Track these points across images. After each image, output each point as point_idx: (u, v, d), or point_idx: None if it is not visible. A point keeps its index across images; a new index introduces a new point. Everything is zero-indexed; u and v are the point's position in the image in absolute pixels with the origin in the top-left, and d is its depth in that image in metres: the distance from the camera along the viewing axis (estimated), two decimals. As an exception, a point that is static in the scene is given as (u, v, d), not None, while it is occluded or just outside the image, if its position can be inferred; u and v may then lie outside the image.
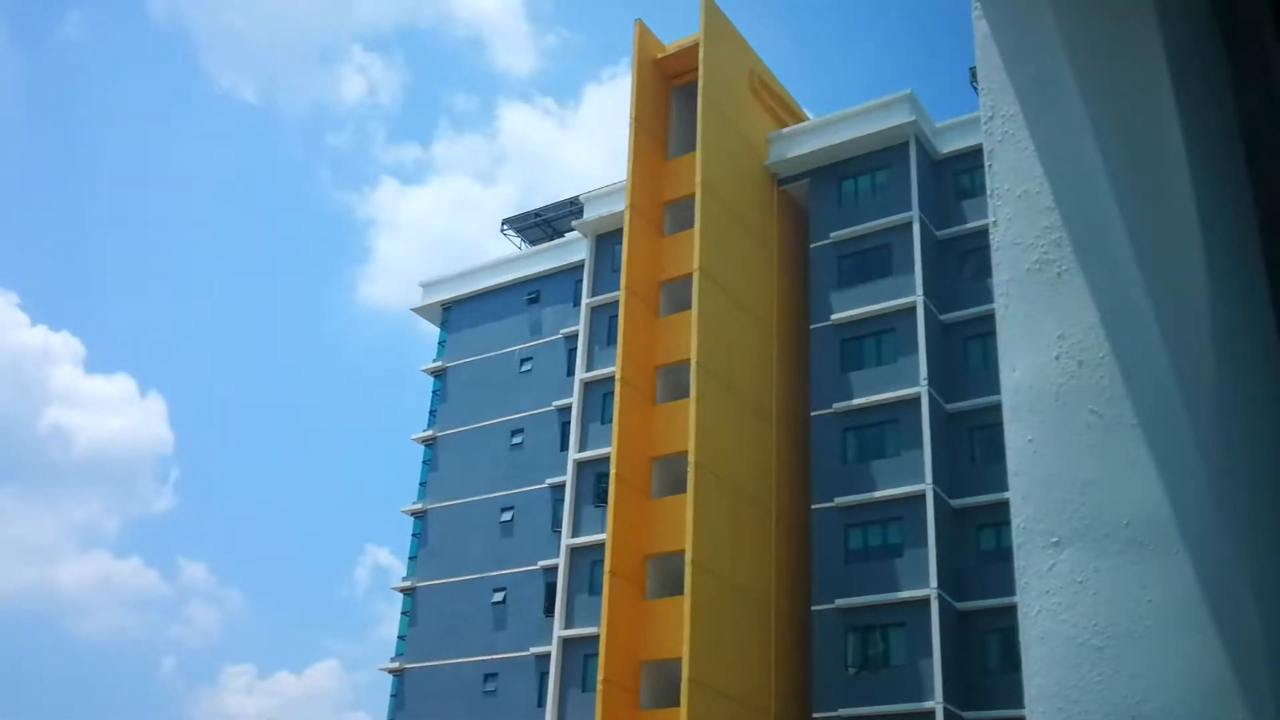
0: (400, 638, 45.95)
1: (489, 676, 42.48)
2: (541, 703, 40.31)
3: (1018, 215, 2.15)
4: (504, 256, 50.89)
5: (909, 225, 39.91)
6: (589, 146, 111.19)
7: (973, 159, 40.55)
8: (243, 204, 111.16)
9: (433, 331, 52.12)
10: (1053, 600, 1.90)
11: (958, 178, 41.40)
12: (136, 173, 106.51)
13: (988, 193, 2.22)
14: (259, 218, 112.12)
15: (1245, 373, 2.01)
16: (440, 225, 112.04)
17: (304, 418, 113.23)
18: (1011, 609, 31.11)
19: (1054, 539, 1.93)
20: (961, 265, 40.02)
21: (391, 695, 45.08)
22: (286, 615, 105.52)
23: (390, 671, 45.39)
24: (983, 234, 36.49)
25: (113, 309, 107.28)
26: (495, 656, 42.56)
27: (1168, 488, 1.87)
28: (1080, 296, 2.03)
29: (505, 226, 53.44)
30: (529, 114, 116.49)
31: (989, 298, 36.10)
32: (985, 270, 38.70)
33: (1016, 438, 2.02)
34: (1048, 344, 2.04)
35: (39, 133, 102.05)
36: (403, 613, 46.25)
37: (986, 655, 34.99)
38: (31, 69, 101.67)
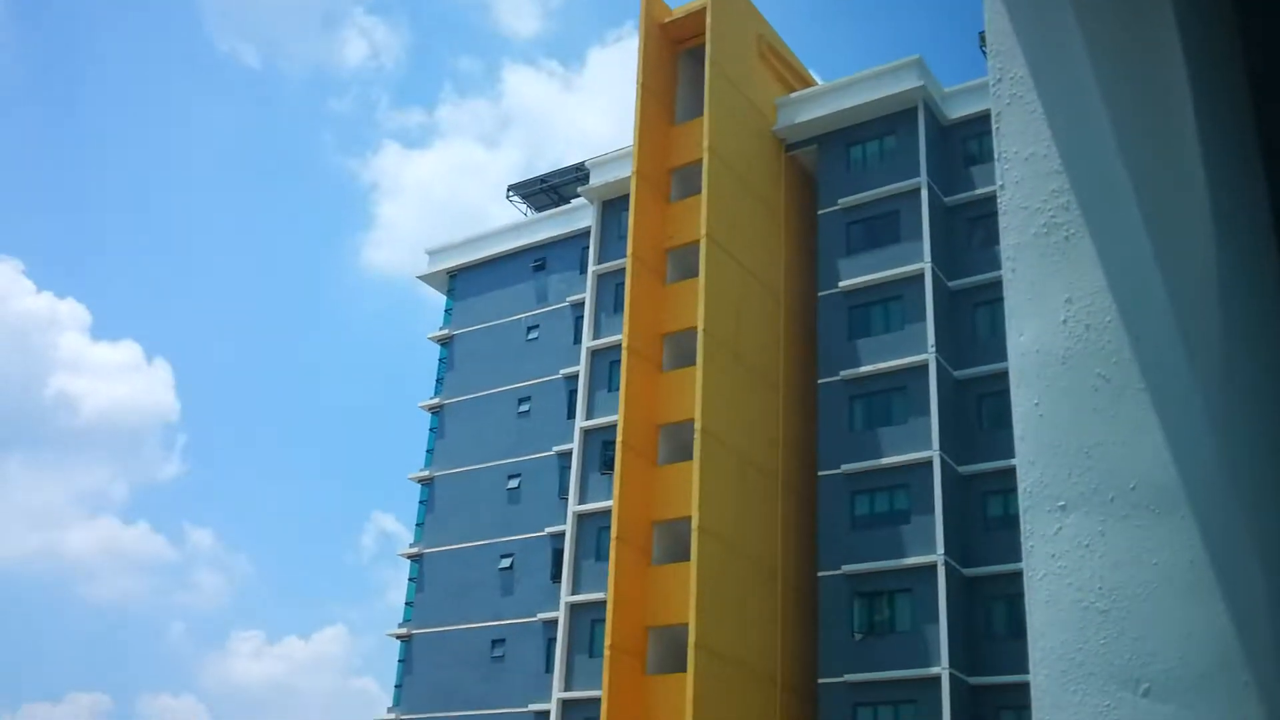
0: (408, 604, 46.24)
1: (496, 642, 42.77)
2: (549, 668, 40.60)
3: (1025, 178, 2.14)
4: (510, 223, 50.79)
5: (917, 191, 39.76)
6: (594, 110, 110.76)
7: (981, 125, 40.34)
8: (246, 169, 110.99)
9: (439, 298, 52.15)
10: (1059, 564, 1.91)
11: (966, 143, 41.19)
12: (139, 139, 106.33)
13: (995, 156, 2.21)
14: (262, 183, 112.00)
15: (1253, 336, 2.00)
16: (444, 190, 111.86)
17: (310, 385, 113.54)
18: (1018, 575, 31.16)
19: (1060, 503, 1.93)
20: (970, 232, 39.90)
21: (400, 660, 45.42)
22: (293, 581, 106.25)
23: (398, 637, 45.70)
24: (991, 200, 36.36)
25: (118, 276, 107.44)
26: (503, 622, 42.83)
27: (1174, 451, 1.87)
28: (1088, 260, 2.02)
29: (511, 193, 53.33)
30: (533, 77, 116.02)
31: (997, 264, 35.99)
32: (993, 237, 38.57)
33: (1023, 402, 2.02)
34: (1055, 308, 2.03)
35: (42, 99, 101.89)
36: (410, 579, 46.51)
37: (992, 621, 35.14)
38: (33, 34, 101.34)
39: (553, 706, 39.17)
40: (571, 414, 44.00)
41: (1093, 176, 2.06)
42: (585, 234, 46.98)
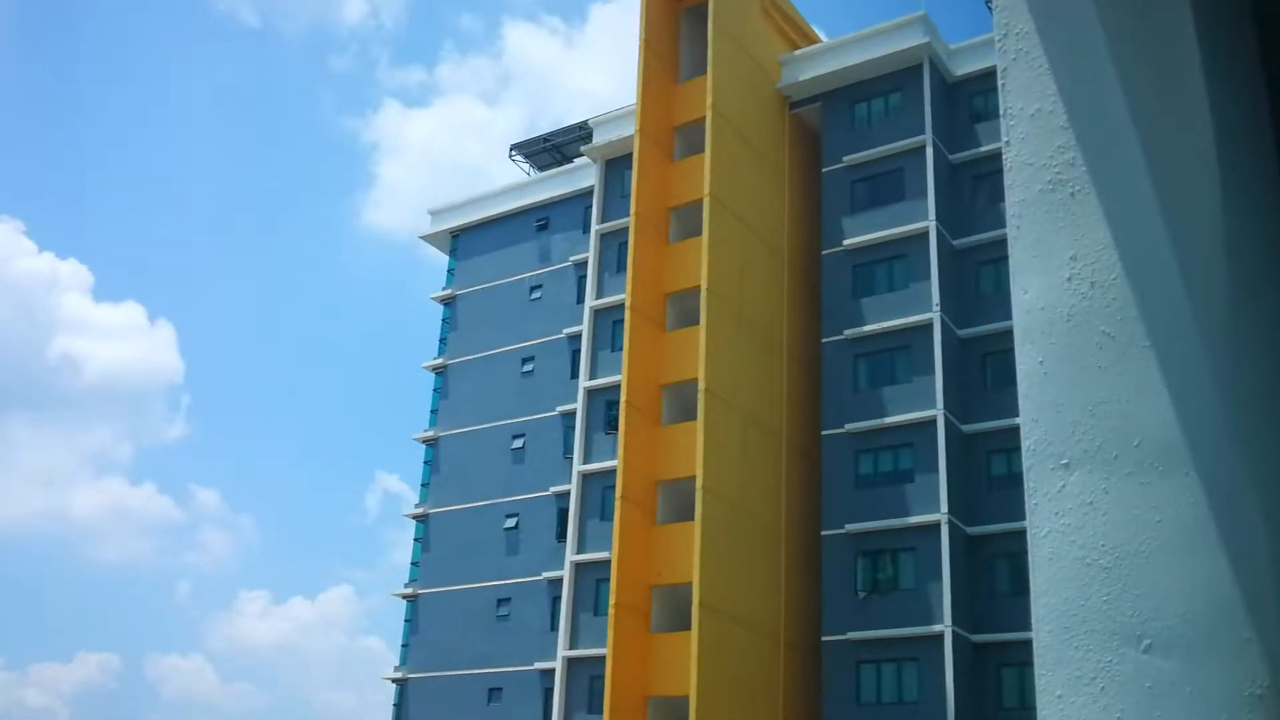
0: (414, 564, 46.50)
1: (502, 601, 43.04)
2: (554, 626, 40.88)
3: (1031, 135, 2.12)
4: (512, 183, 50.62)
5: (922, 149, 39.55)
6: (596, 68, 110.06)
7: (987, 82, 40.04)
8: (246, 129, 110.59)
9: (441, 258, 52.07)
10: (1062, 521, 1.91)
11: (971, 100, 40.92)
12: (139, 98, 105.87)
13: (1000, 112, 2.19)
14: (262, 143, 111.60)
15: (1259, 294, 1.99)
16: (445, 149, 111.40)
17: (313, 345, 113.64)
18: (1021, 533, 31.33)
19: (1064, 461, 1.93)
20: (975, 189, 39.72)
21: (406, 620, 45.74)
22: (299, 541, 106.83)
23: (404, 597, 46.00)
24: (996, 158, 36.15)
25: (119, 236, 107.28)
26: (508, 581, 43.08)
27: (1179, 409, 1.86)
28: (1093, 217, 2.01)
29: (513, 152, 53.10)
30: (535, 34, 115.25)
31: (1002, 223, 35.82)
32: (998, 195, 38.40)
33: (1027, 360, 2.02)
34: (1060, 265, 2.02)
35: (40, 59, 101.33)
36: (416, 539, 46.75)
37: (996, 579, 35.30)
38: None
39: (558, 664, 39.49)
40: (575, 374, 44.04)
41: (1099, 132, 2.04)
42: (588, 193, 46.81)
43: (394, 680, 44.82)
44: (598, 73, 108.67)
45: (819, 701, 36.17)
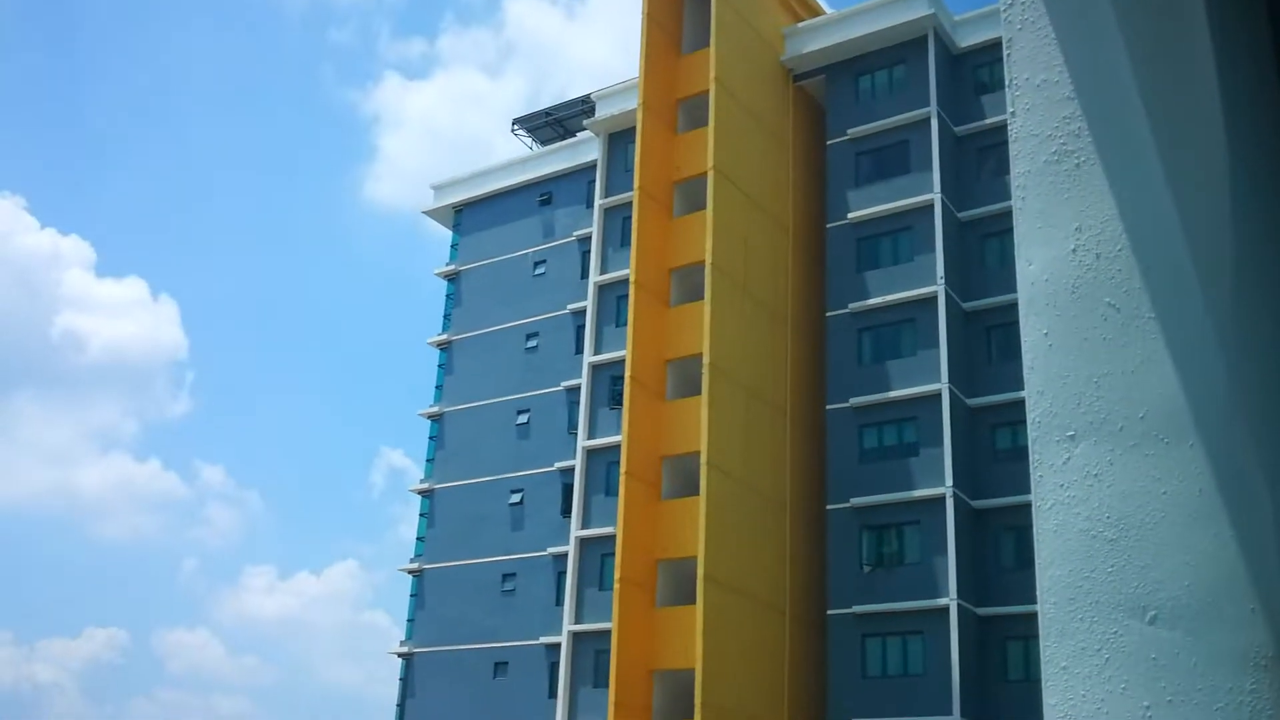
0: (419, 539, 46.66)
1: (507, 576, 43.20)
2: (559, 601, 41.04)
3: (1036, 105, 2.11)
4: (515, 158, 50.49)
5: (927, 121, 39.38)
6: (599, 40, 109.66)
7: (992, 52, 39.83)
8: (246, 103, 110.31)
9: (444, 233, 52.02)
10: (1067, 494, 1.91)
11: (977, 72, 40.71)
12: (138, 72, 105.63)
13: (1006, 83, 2.18)
14: (263, 117, 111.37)
15: (1266, 266, 1.98)
16: (447, 121, 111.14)
17: (316, 320, 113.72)
18: (1026, 507, 31.32)
19: (1069, 433, 1.93)
20: (980, 162, 39.57)
21: (411, 595, 45.94)
22: (304, 517, 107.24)
23: (410, 572, 46.18)
24: (1002, 130, 36.01)
25: (120, 212, 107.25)
26: (513, 557, 43.23)
27: (1185, 381, 1.86)
28: (1099, 188, 2.00)
29: (516, 126, 52.95)
30: (536, 6, 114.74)
31: (1008, 195, 35.73)
32: (1004, 167, 38.28)
33: (1032, 332, 2.01)
34: (1065, 237, 2.01)
35: (40, 34, 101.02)
36: (421, 514, 46.89)
37: (1001, 553, 35.37)
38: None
39: (563, 639, 39.67)
40: (579, 349, 44.05)
41: (1105, 103, 2.03)
42: (591, 168, 46.70)
43: (400, 655, 45.06)
44: (600, 45, 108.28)
45: (824, 674, 36.33)
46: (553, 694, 39.96)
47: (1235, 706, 1.72)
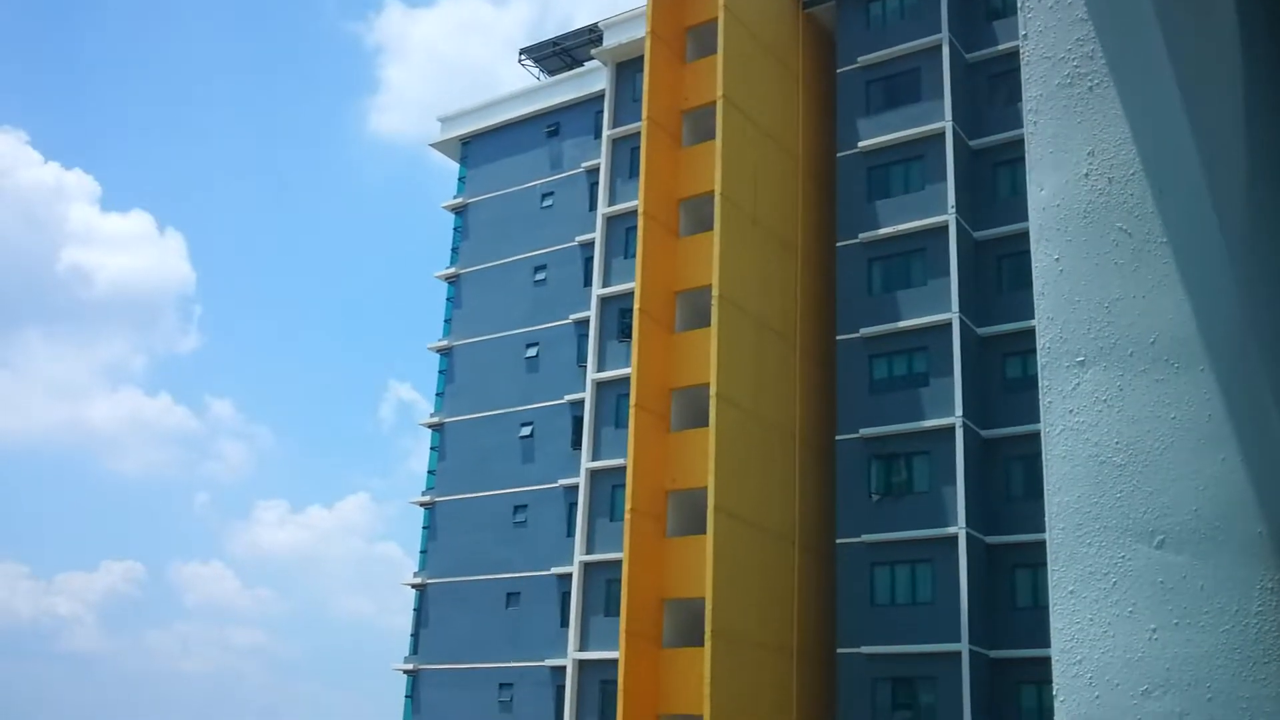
0: (430, 472, 46.97)
1: (519, 508, 43.54)
2: (570, 532, 41.39)
3: (1049, 27, 2.08)
4: (522, 88, 50.02)
5: (938, 48, 38.87)
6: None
7: (1004, -22, 39.19)
8: (248, 34, 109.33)
9: (450, 164, 51.73)
10: (1076, 419, 1.91)
11: (989, -2, 40.12)
12: (140, 3, 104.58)
13: (1018, 4, 2.14)
14: (266, 49, 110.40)
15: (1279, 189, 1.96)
16: (451, 50, 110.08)
17: (323, 253, 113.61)
18: (1036, 436, 31.41)
19: (1079, 358, 1.92)
20: (992, 89, 39.11)
21: (424, 527, 46.35)
22: (314, 451, 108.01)
23: (422, 505, 46.55)
24: (1014, 57, 35.53)
25: (124, 145, 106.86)
26: (524, 489, 43.53)
27: (1196, 305, 1.85)
28: (1112, 111, 1.97)
29: (522, 56, 52.40)
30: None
31: (1019, 123, 35.34)
32: (1016, 94, 37.82)
33: (1043, 257, 2.00)
34: (1077, 161, 1.99)
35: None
36: (432, 448, 47.15)
37: (1010, 482, 35.52)
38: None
39: (575, 568, 40.07)
40: (588, 282, 43.96)
41: (1118, 24, 1.99)
42: (599, 98, 46.26)
43: (414, 586, 45.58)
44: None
45: (833, 603, 36.69)
46: (565, 623, 40.47)
47: (1241, 629, 1.73)
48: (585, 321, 43.42)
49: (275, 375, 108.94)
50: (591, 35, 48.51)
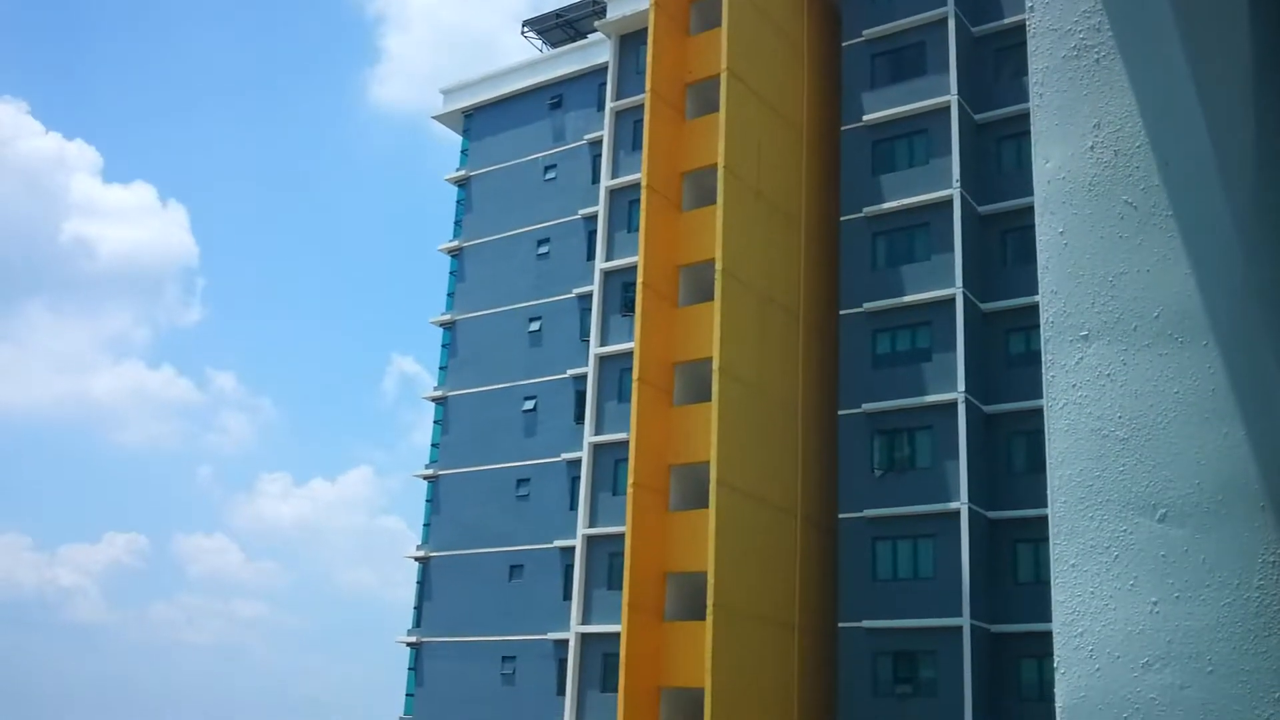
0: (433, 445, 47.06)
1: (522, 481, 43.64)
2: (573, 505, 41.51)
3: (1056, -1, 2.06)
4: (525, 60, 49.82)
5: (944, 21, 38.68)
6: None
7: (1011, -50, 38.92)
8: (249, 6, 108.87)
9: (452, 136, 51.59)
10: (1079, 393, 1.91)
11: (995, -30, 39.86)
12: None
13: (1025, -25, 2.13)
14: (268, 19, 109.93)
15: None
16: (452, 20, 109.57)
17: (326, 226, 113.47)
18: (1038, 412, 31.42)
19: (1083, 332, 1.92)
20: (998, 63, 38.92)
21: (427, 500, 46.49)
22: (317, 424, 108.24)
23: (425, 478, 46.67)
24: (1020, 30, 35.34)
25: (125, 115, 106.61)
26: (527, 463, 43.62)
27: (1201, 280, 1.85)
28: (1119, 84, 1.96)
29: (526, 28, 52.18)
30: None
31: (1025, 96, 35.19)
32: (1022, 68, 37.64)
33: (1048, 230, 1.99)
34: (1083, 134, 1.98)
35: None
36: (435, 421, 47.23)
37: (1012, 457, 35.56)
38: None
39: (577, 541, 40.21)
40: (591, 255, 43.92)
41: (1126, -5, 1.98)
42: (602, 70, 46.07)
43: (417, 559, 45.75)
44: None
45: (835, 577, 36.82)
46: (567, 596, 40.64)
47: (1243, 602, 1.74)
48: (588, 295, 43.40)
49: (278, 348, 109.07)
50: (595, 7, 48.29)
